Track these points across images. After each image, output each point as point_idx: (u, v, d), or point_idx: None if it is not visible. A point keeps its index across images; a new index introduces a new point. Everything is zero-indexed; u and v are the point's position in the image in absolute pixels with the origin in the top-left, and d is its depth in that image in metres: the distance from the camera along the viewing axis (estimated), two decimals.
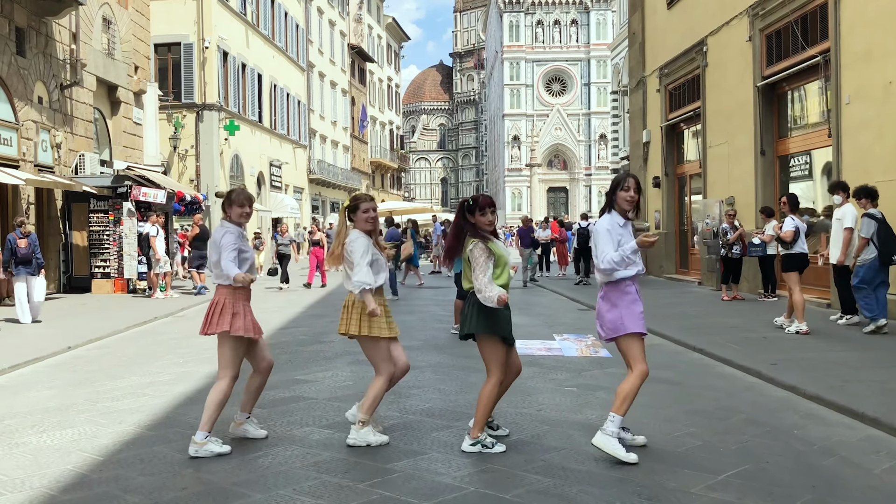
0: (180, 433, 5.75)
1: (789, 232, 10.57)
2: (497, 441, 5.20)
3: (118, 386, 7.71)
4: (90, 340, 11.02)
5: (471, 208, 5.19)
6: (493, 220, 5.22)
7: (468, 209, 5.20)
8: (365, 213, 5.44)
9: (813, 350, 8.87)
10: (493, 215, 5.21)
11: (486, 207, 5.16)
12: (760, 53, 15.18)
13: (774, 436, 5.60)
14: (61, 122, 18.84)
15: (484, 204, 5.18)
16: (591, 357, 9.08)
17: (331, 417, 6.14)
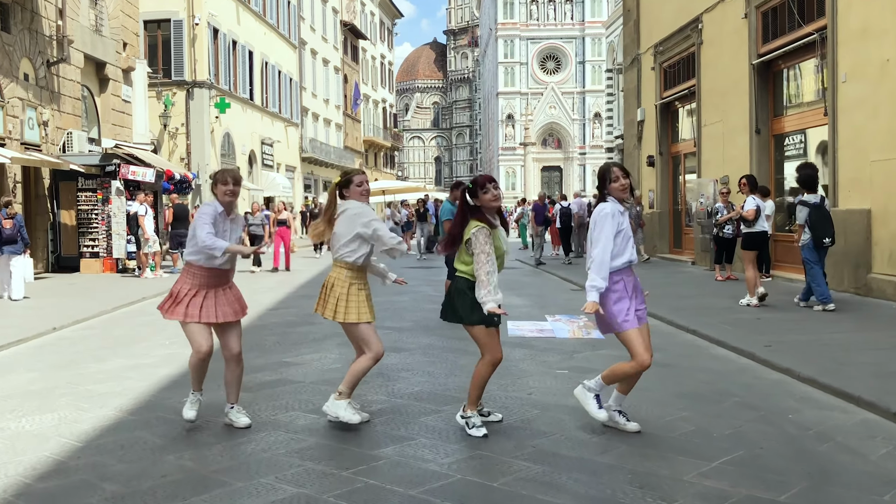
0: (163, 418, 5.63)
1: (751, 211, 10.95)
2: (483, 426, 5.09)
3: (102, 369, 7.58)
4: (76, 321, 10.87)
5: (472, 191, 5.04)
6: (498, 195, 5.06)
7: (470, 193, 5.04)
8: (359, 187, 5.33)
9: (808, 332, 8.79)
10: (496, 190, 5.04)
11: (486, 184, 5.03)
12: (756, 31, 15.00)
13: (769, 420, 5.50)
14: (48, 100, 18.58)
15: (483, 181, 5.06)
16: (584, 339, 8.98)
17: (317, 401, 6.01)
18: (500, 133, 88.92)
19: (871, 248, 11.46)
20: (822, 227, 10.06)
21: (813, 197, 10.20)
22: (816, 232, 10.07)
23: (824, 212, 10.15)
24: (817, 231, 10.07)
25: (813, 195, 10.23)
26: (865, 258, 11.55)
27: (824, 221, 10.11)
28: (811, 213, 10.11)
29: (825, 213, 10.14)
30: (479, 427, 5.06)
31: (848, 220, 11.89)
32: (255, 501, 3.98)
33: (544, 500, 3.99)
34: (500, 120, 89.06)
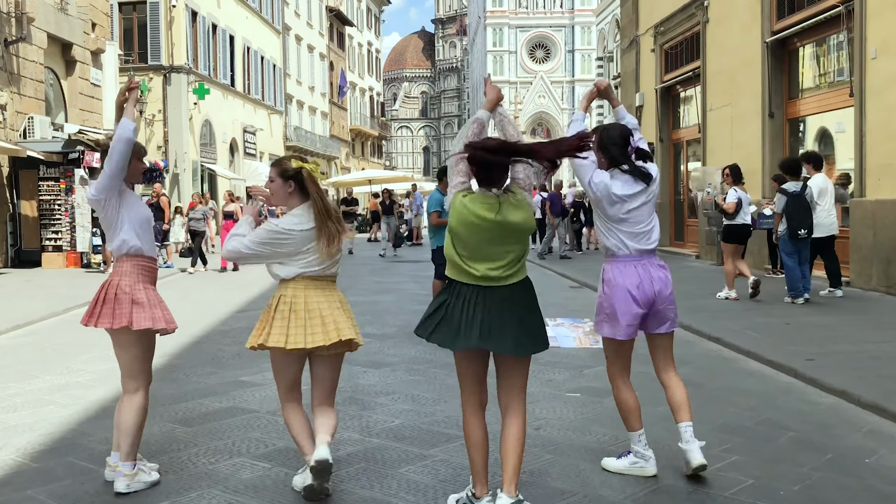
0: (71, 466, 4.41)
1: (731, 203, 10.64)
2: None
3: (23, 390, 6.34)
4: (17, 326, 9.64)
5: None
6: None
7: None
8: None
9: (849, 341, 7.63)
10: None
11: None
12: (770, 6, 13.82)
13: (842, 467, 4.32)
14: (6, 82, 17.25)
15: None
16: (592, 348, 7.76)
17: (271, 442, 4.80)
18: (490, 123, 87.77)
19: None
20: (798, 218, 9.78)
21: (793, 185, 9.91)
22: (792, 222, 9.79)
23: (803, 202, 9.82)
24: (793, 221, 9.78)
25: (795, 183, 9.93)
26: None
27: (801, 211, 9.81)
28: (788, 202, 9.83)
29: (804, 204, 9.82)
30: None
31: (878, 212, 10.77)
32: None
33: None
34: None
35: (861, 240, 11.15)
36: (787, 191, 9.90)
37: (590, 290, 12.65)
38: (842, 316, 9.16)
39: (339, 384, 6.16)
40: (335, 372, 4.02)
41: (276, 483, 4.09)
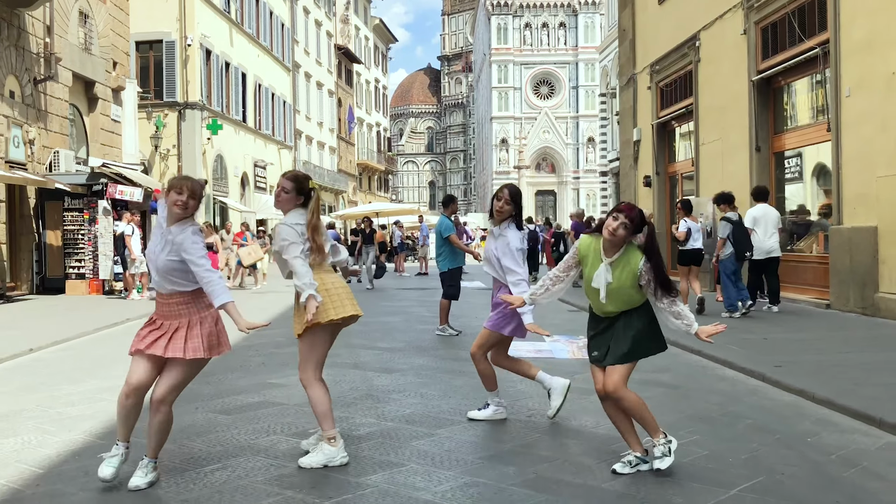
0: (134, 442, 5.19)
1: (682, 232, 12.18)
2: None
3: (76, 390, 7.15)
4: (55, 342, 10.44)
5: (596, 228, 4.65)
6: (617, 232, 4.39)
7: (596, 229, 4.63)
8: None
9: (819, 352, 8.40)
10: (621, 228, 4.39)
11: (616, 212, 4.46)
12: (755, 47, 14.74)
13: (787, 444, 5.10)
14: (34, 118, 18.22)
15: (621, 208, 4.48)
16: (584, 359, 8.54)
17: (300, 425, 5.61)
18: (494, 157, 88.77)
19: (878, 267, 11.10)
20: (743, 242, 11.21)
21: (734, 215, 11.39)
22: (739, 246, 11.21)
23: (743, 229, 11.30)
24: (740, 245, 11.21)
25: (734, 213, 11.42)
26: (872, 277, 11.19)
27: (744, 238, 11.24)
28: (734, 229, 11.23)
29: (745, 230, 11.29)
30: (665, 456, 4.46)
31: (853, 238, 11.56)
32: None
33: None
34: (494, 144, 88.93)
35: (839, 265, 11.92)
36: (731, 219, 11.30)
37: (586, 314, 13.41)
38: (817, 332, 9.93)
39: (355, 384, 7.02)
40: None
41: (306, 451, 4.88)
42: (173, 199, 4.28)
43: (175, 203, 4.28)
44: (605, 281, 4.45)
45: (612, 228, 4.38)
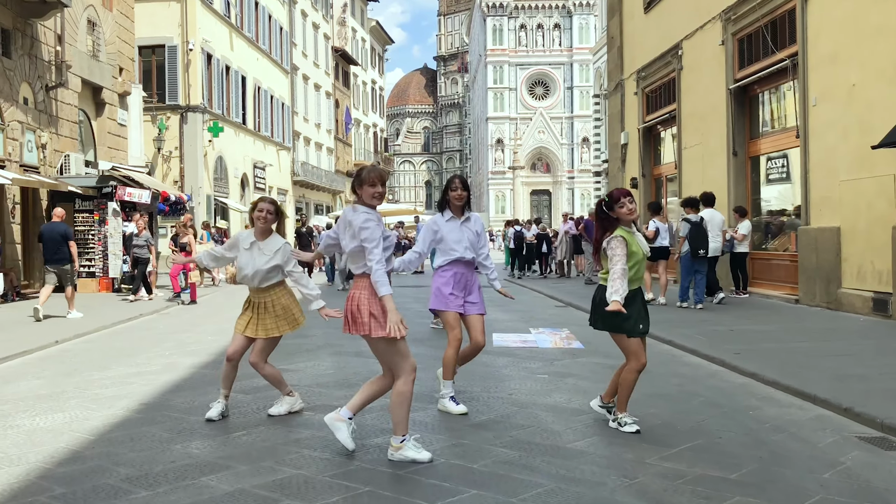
0: (168, 416, 6.04)
1: (651, 231, 13.65)
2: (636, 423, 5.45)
3: (106, 376, 7.97)
4: (77, 335, 11.25)
5: (608, 204, 5.39)
6: (633, 209, 5.34)
7: (607, 206, 5.39)
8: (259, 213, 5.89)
9: (775, 341, 9.26)
10: (631, 204, 5.33)
11: (621, 198, 5.33)
12: (733, 57, 15.61)
13: (730, 416, 5.95)
14: (46, 123, 19.03)
15: (618, 195, 5.35)
16: (565, 348, 9.44)
17: (312, 401, 6.45)
18: (490, 157, 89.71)
19: (840, 265, 11.97)
20: (698, 241, 12.53)
21: (695, 217, 12.70)
22: (694, 244, 12.54)
23: (702, 230, 12.55)
24: (695, 243, 12.54)
25: (695, 215, 12.73)
26: (836, 274, 12.06)
27: (701, 237, 12.54)
28: (691, 229, 12.56)
29: (703, 231, 12.55)
30: (632, 423, 5.40)
31: (819, 238, 12.42)
32: (257, 480, 4.40)
33: (518, 478, 4.42)
34: (490, 144, 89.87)
35: (807, 262, 12.78)
36: (690, 220, 12.67)
37: (573, 309, 14.28)
38: (780, 324, 10.80)
39: (358, 369, 7.84)
40: None
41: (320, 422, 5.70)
42: (370, 192, 4.70)
43: (373, 196, 4.71)
44: (646, 244, 5.53)
45: (629, 210, 5.31)
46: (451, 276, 6.13)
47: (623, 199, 5.33)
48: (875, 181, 11.16)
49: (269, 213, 5.87)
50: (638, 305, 5.39)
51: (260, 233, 5.90)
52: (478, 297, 6.21)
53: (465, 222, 6.22)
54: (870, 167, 11.20)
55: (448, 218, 6.20)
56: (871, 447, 5.10)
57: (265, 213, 5.85)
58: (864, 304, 11.38)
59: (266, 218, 5.86)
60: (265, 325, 5.91)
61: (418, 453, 4.71)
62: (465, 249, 6.13)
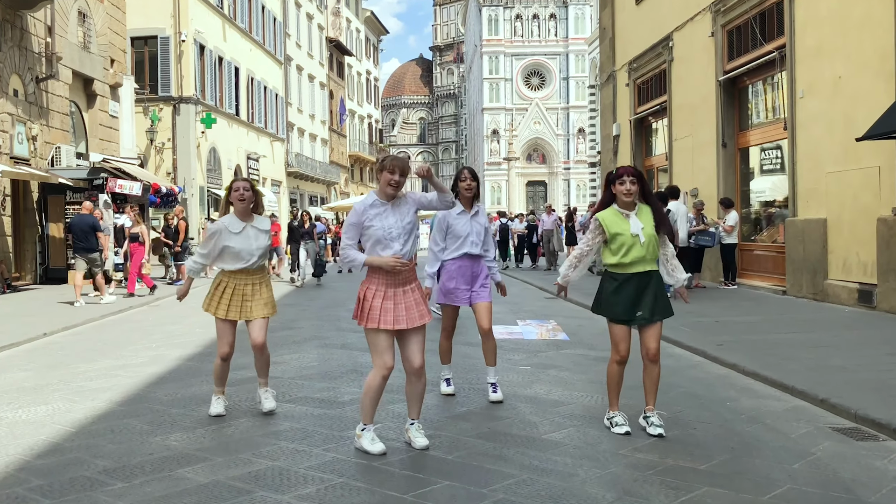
0: (150, 408, 6.09)
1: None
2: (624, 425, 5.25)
3: (92, 368, 8.01)
4: (65, 327, 11.28)
5: (611, 179, 5.28)
6: (632, 191, 5.13)
7: (610, 181, 5.30)
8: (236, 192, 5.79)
9: (758, 333, 9.33)
10: (633, 185, 5.12)
11: (622, 175, 5.18)
12: (722, 49, 15.63)
13: (707, 407, 6.01)
14: (37, 115, 19.01)
15: (621, 172, 5.21)
16: (550, 340, 9.50)
17: (293, 394, 6.49)
18: (486, 148, 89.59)
19: (826, 256, 12.03)
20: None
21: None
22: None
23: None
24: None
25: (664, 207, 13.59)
26: (822, 265, 12.12)
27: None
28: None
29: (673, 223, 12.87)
30: (621, 425, 5.24)
31: (806, 230, 12.48)
32: (233, 472, 4.45)
33: (491, 469, 4.48)
34: (486, 135, 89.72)
35: (794, 254, 12.84)
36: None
37: (562, 301, 14.33)
38: (766, 316, 10.87)
39: (342, 361, 7.89)
40: None
41: (300, 414, 5.77)
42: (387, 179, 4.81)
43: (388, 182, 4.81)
44: (640, 226, 5.14)
45: (625, 190, 5.11)
46: (456, 269, 6.16)
47: (625, 176, 5.15)
48: (860, 173, 11.22)
49: (247, 191, 5.79)
50: (630, 291, 5.19)
51: (243, 214, 5.81)
52: (485, 284, 6.24)
53: (475, 216, 6.23)
54: (855, 159, 11.25)
55: (459, 211, 6.17)
56: (842, 437, 5.16)
57: (241, 191, 5.77)
58: (849, 295, 11.44)
59: (245, 196, 5.77)
60: (253, 306, 5.79)
61: (371, 445, 4.77)
62: (473, 244, 6.14)
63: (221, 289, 5.76)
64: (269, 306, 5.86)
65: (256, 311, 5.78)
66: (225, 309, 5.73)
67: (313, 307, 13.60)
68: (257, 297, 5.79)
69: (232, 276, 5.77)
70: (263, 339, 5.86)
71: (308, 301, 15.13)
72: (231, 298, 5.74)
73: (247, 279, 5.77)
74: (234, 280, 5.76)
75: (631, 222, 5.17)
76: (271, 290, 5.96)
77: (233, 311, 5.74)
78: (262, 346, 5.85)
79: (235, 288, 5.75)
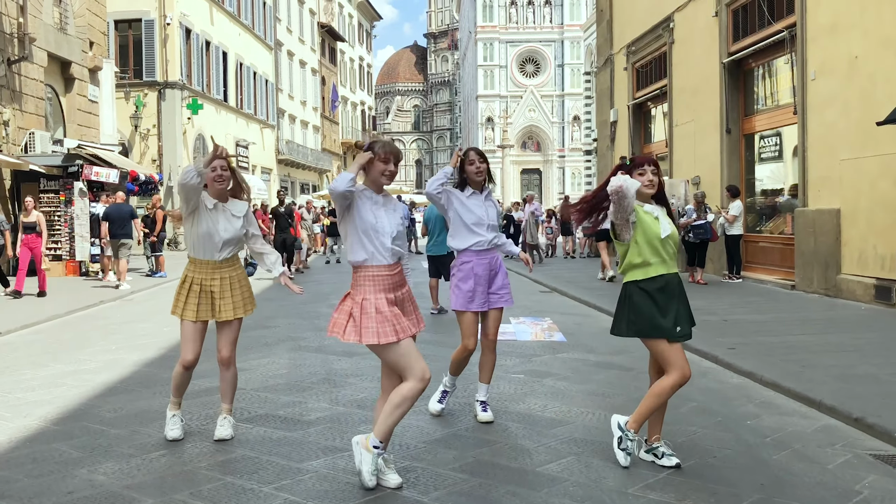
0: (87, 428, 5.31)
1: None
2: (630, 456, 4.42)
3: (38, 375, 7.22)
4: (25, 326, 10.49)
5: (629, 169, 4.36)
6: (655, 182, 4.35)
7: (626, 170, 4.35)
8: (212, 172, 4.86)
9: (774, 334, 8.57)
10: (654, 176, 4.35)
11: (643, 164, 4.36)
12: (727, 29, 14.82)
13: (726, 427, 5.25)
14: (9, 99, 18.11)
15: (643, 161, 4.41)
16: (545, 342, 8.72)
17: (254, 409, 5.71)
18: (480, 136, 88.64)
19: (840, 249, 11.27)
20: None
21: None
22: None
23: None
24: None
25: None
26: (835, 259, 11.36)
27: None
28: None
29: None
30: (628, 455, 4.40)
31: (817, 220, 11.72)
32: None
33: None
34: (480, 123, 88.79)
35: (804, 246, 12.08)
36: None
37: (558, 295, 13.59)
38: (776, 314, 10.10)
39: (315, 368, 7.13)
40: None
41: (256, 437, 4.99)
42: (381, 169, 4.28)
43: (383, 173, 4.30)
44: (668, 223, 4.38)
45: (648, 181, 4.30)
46: (470, 267, 5.28)
47: (646, 165, 4.34)
48: (879, 160, 10.44)
49: (224, 170, 4.88)
50: (673, 300, 4.35)
51: (218, 195, 4.94)
52: (504, 284, 5.44)
53: (488, 197, 5.38)
54: (873, 145, 10.47)
55: (469, 193, 5.31)
56: (888, 469, 4.40)
57: (219, 170, 4.86)
58: (865, 291, 10.69)
59: (223, 177, 4.88)
60: (224, 305, 4.93)
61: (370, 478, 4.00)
62: (488, 230, 5.30)
63: (188, 286, 4.91)
64: (241, 306, 4.99)
65: (226, 311, 4.92)
66: (193, 310, 4.87)
67: (292, 302, 12.80)
68: (227, 296, 4.92)
69: (198, 270, 4.92)
70: (230, 354, 5.02)
71: (287, 294, 14.31)
72: (199, 296, 4.88)
73: (214, 273, 4.91)
74: (201, 274, 4.91)
75: (660, 217, 4.35)
76: (246, 287, 5.08)
77: (202, 311, 4.90)
78: (228, 360, 5.02)
79: (202, 284, 4.90)
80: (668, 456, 4.42)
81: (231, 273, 5.00)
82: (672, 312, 4.33)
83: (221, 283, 4.94)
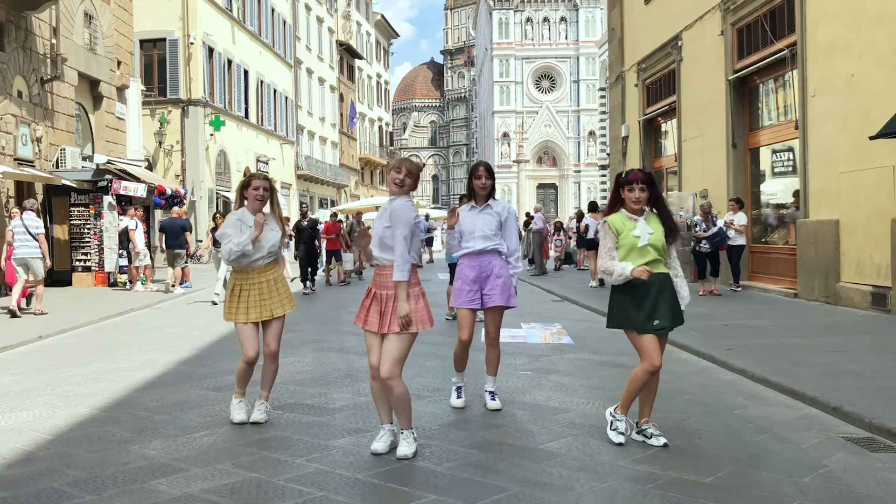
0: (133, 414, 5.87)
1: (583, 226, 18.24)
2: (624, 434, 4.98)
3: (81, 372, 7.81)
4: (62, 330, 11.09)
5: (620, 182, 4.95)
6: (641, 199, 4.85)
7: (619, 184, 4.95)
8: (255, 191, 5.60)
9: (768, 337, 9.04)
10: (642, 193, 4.84)
11: (632, 182, 4.87)
12: (732, 47, 15.34)
13: (714, 415, 5.74)
14: (42, 117, 18.88)
15: (632, 179, 4.89)
16: (553, 344, 9.23)
17: (283, 399, 6.26)
18: (496, 151, 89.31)
19: (839, 258, 11.72)
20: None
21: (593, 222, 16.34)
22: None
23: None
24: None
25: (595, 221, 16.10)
26: (835, 267, 11.81)
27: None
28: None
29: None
30: (620, 434, 4.97)
31: (818, 231, 12.17)
32: (209, 484, 4.22)
33: (482, 482, 4.23)
34: (496, 138, 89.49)
35: (805, 256, 12.53)
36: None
37: (569, 303, 14.07)
38: (776, 319, 10.57)
39: (338, 366, 7.68)
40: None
41: (286, 422, 5.54)
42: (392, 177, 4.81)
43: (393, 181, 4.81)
44: (647, 232, 4.83)
45: (635, 198, 4.84)
46: (462, 269, 5.89)
47: (634, 183, 4.85)
48: (874, 173, 10.91)
49: (266, 191, 5.65)
50: (651, 298, 4.81)
51: (255, 211, 5.64)
52: (495, 286, 5.80)
53: (484, 209, 5.88)
54: (869, 158, 10.94)
55: (470, 208, 5.92)
56: (856, 448, 4.89)
57: (261, 190, 5.62)
58: (862, 298, 11.13)
59: (263, 197, 5.63)
60: (272, 304, 5.59)
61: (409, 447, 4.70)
62: (478, 239, 5.80)
63: (237, 293, 5.59)
64: (287, 303, 5.69)
65: (276, 308, 5.60)
66: (245, 313, 5.56)
67: (315, 309, 13.37)
68: (275, 295, 5.62)
69: (244, 278, 5.59)
70: (277, 347, 5.69)
71: (310, 302, 14.90)
72: (249, 300, 5.57)
73: (258, 277, 5.59)
74: (248, 281, 5.59)
75: (639, 226, 4.87)
76: (287, 286, 5.78)
77: (253, 313, 5.56)
78: (275, 354, 5.68)
79: (251, 288, 5.58)
80: (656, 436, 4.93)
81: (273, 275, 5.67)
82: (647, 306, 4.81)
83: (268, 285, 5.61)
